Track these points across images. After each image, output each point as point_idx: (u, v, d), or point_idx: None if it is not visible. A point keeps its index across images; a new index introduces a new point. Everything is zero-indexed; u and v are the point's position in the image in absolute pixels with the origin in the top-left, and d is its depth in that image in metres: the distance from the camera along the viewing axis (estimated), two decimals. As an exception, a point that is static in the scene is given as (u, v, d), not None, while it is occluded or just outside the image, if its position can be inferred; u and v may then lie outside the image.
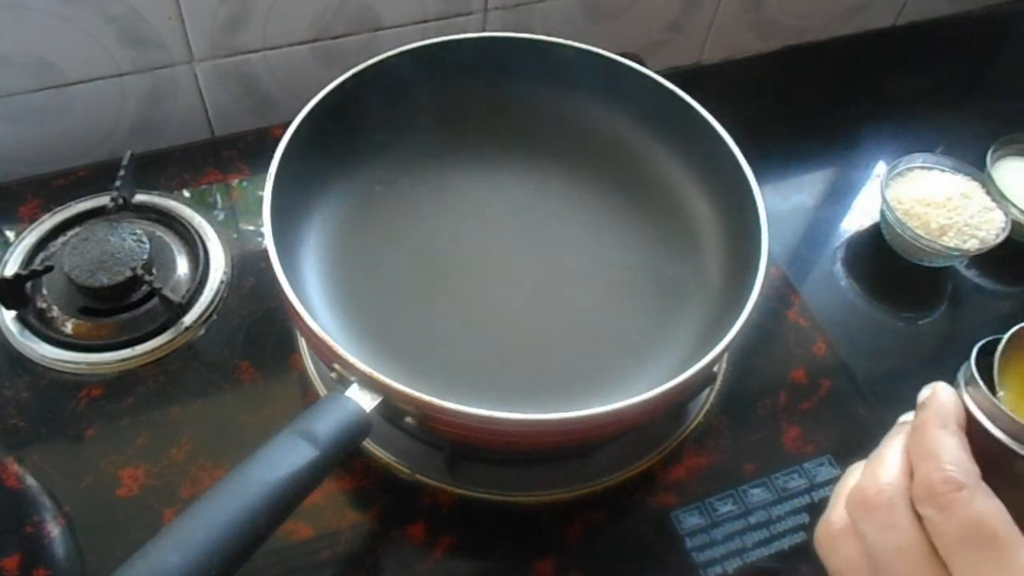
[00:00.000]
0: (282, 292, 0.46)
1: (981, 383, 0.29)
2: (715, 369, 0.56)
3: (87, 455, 0.51)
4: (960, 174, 0.70)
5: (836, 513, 0.30)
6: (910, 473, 0.28)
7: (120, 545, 0.47)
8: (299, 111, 0.53)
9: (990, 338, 0.31)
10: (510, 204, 0.61)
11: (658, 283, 0.57)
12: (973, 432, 0.29)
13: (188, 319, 0.57)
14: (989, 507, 0.26)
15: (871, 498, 0.29)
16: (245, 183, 0.66)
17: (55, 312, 0.57)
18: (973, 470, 0.27)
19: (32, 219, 0.62)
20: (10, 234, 0.61)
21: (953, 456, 0.27)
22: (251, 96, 0.71)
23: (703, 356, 0.45)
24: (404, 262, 0.57)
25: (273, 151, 0.51)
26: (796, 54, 0.89)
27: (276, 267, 0.46)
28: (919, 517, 0.27)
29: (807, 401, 0.58)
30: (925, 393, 0.31)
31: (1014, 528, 0.26)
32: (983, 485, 0.27)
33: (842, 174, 0.78)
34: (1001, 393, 0.31)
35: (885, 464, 0.30)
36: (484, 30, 0.74)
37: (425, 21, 0.71)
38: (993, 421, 0.29)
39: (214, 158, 0.68)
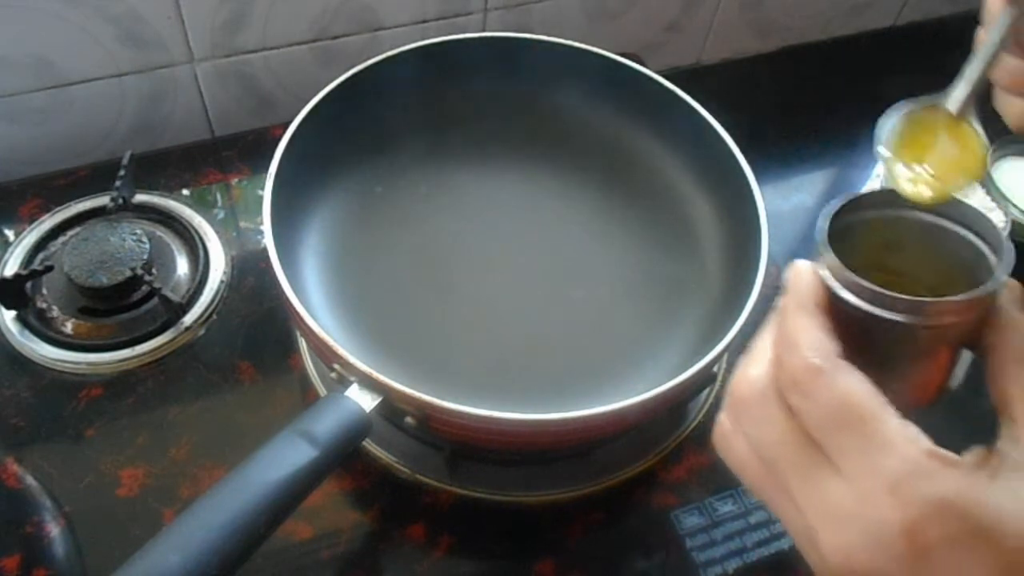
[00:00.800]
0: (282, 292, 0.46)
1: (830, 251, 0.28)
2: (715, 369, 0.56)
3: (87, 455, 0.51)
4: None
5: (724, 414, 0.31)
6: (779, 363, 0.28)
7: (120, 545, 0.47)
8: (299, 111, 0.53)
9: (840, 200, 0.30)
10: (510, 204, 0.61)
11: (658, 283, 0.57)
12: (833, 303, 0.28)
13: (188, 319, 0.57)
14: (850, 384, 0.26)
15: (744, 396, 0.29)
16: (245, 183, 0.66)
17: (55, 312, 0.57)
18: (832, 349, 0.27)
19: (32, 219, 0.62)
20: (10, 234, 0.61)
21: (811, 340, 0.27)
22: (251, 96, 0.71)
23: (703, 356, 0.45)
24: (404, 262, 0.57)
25: (273, 151, 0.51)
26: (796, 54, 0.89)
27: (276, 267, 0.46)
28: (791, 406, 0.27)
29: (807, 401, 0.57)
30: (787, 275, 0.30)
31: (878, 400, 0.25)
32: (842, 364, 0.26)
33: (842, 174, 0.78)
34: (887, 155, 0.31)
35: (754, 359, 0.29)
36: (484, 30, 0.74)
37: (425, 21, 0.71)
38: (847, 288, 0.28)
39: (214, 158, 0.68)
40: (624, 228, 0.60)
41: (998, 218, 0.67)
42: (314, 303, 0.53)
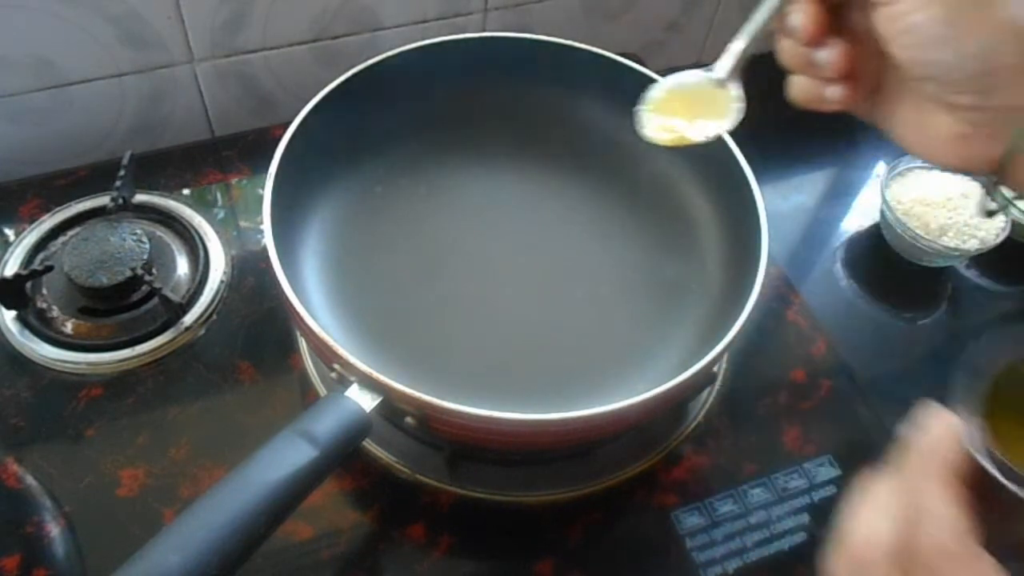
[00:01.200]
0: (282, 292, 0.46)
1: (979, 427, 0.27)
2: (715, 369, 0.56)
3: (87, 455, 0.51)
4: (960, 174, 0.70)
5: (838, 560, 0.29)
6: (908, 535, 0.27)
7: (120, 545, 0.47)
8: (299, 111, 0.53)
9: (976, 360, 0.29)
10: (510, 204, 0.61)
11: (658, 283, 0.57)
12: (971, 465, 0.27)
13: (188, 319, 0.57)
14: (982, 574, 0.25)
15: (865, 559, 0.28)
16: (245, 183, 0.66)
17: (55, 312, 0.57)
18: (967, 530, 0.25)
19: (32, 219, 0.62)
20: (10, 234, 0.61)
21: (945, 517, 0.26)
22: (251, 96, 0.71)
23: (703, 356, 0.45)
24: (404, 262, 0.57)
25: (273, 151, 0.51)
26: (796, 54, 0.89)
27: (276, 267, 0.46)
28: None
29: (807, 401, 0.58)
30: (920, 419, 0.28)
31: None
32: (975, 551, 0.25)
33: (842, 174, 0.78)
34: (642, 108, 0.39)
35: (874, 517, 0.28)
36: (484, 30, 0.74)
37: (425, 21, 0.71)
38: (992, 462, 0.26)
39: (214, 158, 0.68)
40: (624, 228, 0.60)
41: (998, 218, 0.67)
42: (314, 303, 0.53)
